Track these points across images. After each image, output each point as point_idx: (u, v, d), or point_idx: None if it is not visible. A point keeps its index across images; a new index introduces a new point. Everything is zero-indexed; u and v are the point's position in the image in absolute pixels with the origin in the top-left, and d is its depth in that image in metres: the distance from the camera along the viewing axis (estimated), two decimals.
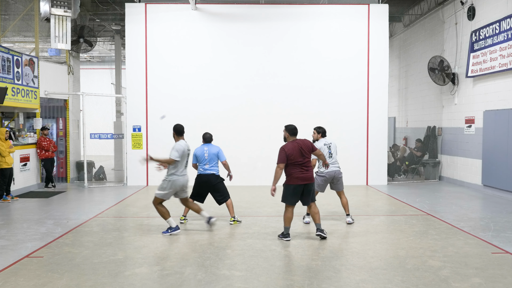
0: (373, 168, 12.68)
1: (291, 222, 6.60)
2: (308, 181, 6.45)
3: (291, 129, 6.60)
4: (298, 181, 6.40)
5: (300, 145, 6.46)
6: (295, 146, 6.44)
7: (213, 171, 7.48)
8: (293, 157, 6.38)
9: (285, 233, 6.60)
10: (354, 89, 12.65)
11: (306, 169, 6.46)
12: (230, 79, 12.62)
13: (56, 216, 8.25)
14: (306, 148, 6.48)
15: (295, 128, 6.65)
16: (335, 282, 4.86)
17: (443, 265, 5.40)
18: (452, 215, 8.36)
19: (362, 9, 12.62)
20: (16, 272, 5.15)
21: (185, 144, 6.89)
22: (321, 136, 7.75)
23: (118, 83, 17.45)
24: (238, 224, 7.59)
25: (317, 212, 6.61)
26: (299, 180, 6.40)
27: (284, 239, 6.56)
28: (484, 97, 11.31)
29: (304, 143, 6.50)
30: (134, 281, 4.88)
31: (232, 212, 7.63)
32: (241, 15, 12.66)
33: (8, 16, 11.95)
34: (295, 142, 6.51)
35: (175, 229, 6.89)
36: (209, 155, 7.49)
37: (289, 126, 6.61)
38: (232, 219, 7.61)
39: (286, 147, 6.45)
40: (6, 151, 9.66)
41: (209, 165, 7.47)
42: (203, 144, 7.67)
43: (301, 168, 6.42)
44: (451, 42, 13.06)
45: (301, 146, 6.45)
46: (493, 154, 10.86)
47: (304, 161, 6.45)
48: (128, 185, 12.47)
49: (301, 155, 6.42)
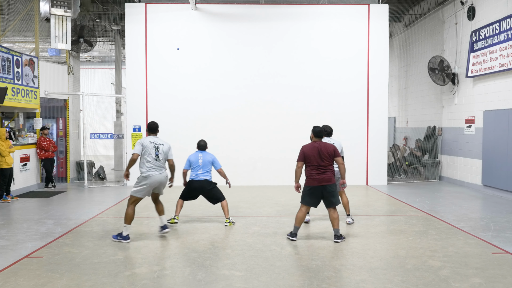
0: (373, 168, 12.68)
1: (301, 222, 6.55)
2: (326, 182, 6.37)
3: (316, 131, 6.60)
4: (313, 183, 6.38)
5: (320, 148, 6.42)
6: (314, 147, 6.44)
7: (206, 177, 7.52)
8: (309, 158, 6.39)
9: (293, 232, 6.59)
10: (354, 89, 12.64)
11: (323, 170, 6.39)
12: (230, 79, 12.62)
13: (56, 216, 8.25)
14: (326, 151, 6.41)
15: (321, 130, 6.64)
16: (335, 282, 4.86)
17: (443, 265, 5.40)
18: (452, 215, 8.36)
19: (362, 9, 12.62)
20: (16, 272, 5.15)
21: (150, 138, 6.65)
22: (325, 135, 7.57)
23: (118, 83, 17.45)
24: (233, 225, 7.52)
25: (336, 218, 6.46)
26: (315, 181, 6.37)
27: (290, 238, 6.55)
28: (484, 97, 11.31)
29: (325, 147, 6.44)
30: (134, 281, 4.88)
31: (227, 214, 7.58)
32: (241, 15, 12.66)
33: (8, 16, 11.95)
34: (316, 143, 6.50)
35: (125, 238, 6.46)
36: (203, 161, 7.51)
37: (315, 128, 6.64)
38: (227, 220, 7.55)
39: (305, 147, 6.50)
40: (6, 151, 9.66)
41: (202, 171, 7.49)
42: (198, 151, 7.68)
43: (318, 169, 6.38)
44: (451, 42, 13.06)
45: (320, 149, 6.41)
46: (493, 154, 10.86)
47: (322, 164, 6.38)
48: (128, 185, 12.46)
49: (319, 157, 6.38)
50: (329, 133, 7.55)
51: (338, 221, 6.47)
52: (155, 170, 6.52)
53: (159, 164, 6.57)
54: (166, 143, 6.78)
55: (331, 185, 6.42)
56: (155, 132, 6.80)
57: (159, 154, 6.57)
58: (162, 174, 6.61)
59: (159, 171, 6.57)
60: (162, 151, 6.61)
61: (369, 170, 12.67)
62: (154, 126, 6.82)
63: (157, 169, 6.54)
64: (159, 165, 6.57)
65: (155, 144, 6.59)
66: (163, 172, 6.64)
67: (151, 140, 6.62)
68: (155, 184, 6.54)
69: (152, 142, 6.59)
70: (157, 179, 6.52)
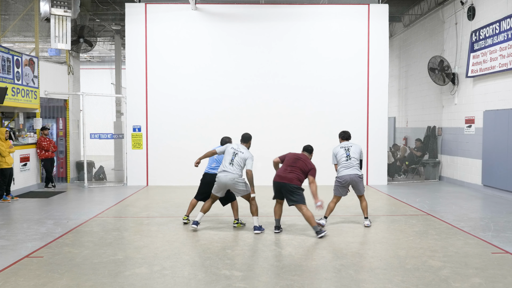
0: (373, 168, 12.68)
1: (278, 215, 7.07)
2: (286, 180, 6.79)
3: (304, 147, 7.24)
4: (276, 178, 6.95)
5: (300, 158, 6.97)
6: (297, 156, 7.01)
7: None
8: (286, 160, 7.02)
9: (275, 225, 7.09)
10: (354, 89, 12.64)
11: (289, 171, 6.85)
12: (230, 79, 12.62)
13: (56, 216, 8.25)
14: (304, 164, 6.89)
15: (306, 147, 7.22)
16: (335, 282, 4.86)
17: (443, 265, 5.40)
18: (452, 215, 8.36)
19: (362, 9, 12.62)
20: (16, 272, 5.15)
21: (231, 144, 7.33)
22: (342, 139, 7.73)
23: (118, 83, 17.45)
24: (242, 226, 7.46)
25: (310, 216, 6.70)
26: (277, 177, 6.93)
27: (275, 231, 7.01)
28: (484, 97, 11.31)
29: (305, 160, 6.94)
30: (134, 281, 4.88)
31: (236, 214, 7.49)
32: (241, 15, 12.66)
33: (8, 16, 11.95)
34: (301, 154, 7.07)
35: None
36: (218, 156, 7.46)
37: (305, 146, 7.24)
38: (235, 221, 7.47)
39: (291, 153, 7.15)
40: (6, 151, 9.66)
41: (216, 164, 7.45)
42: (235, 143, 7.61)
43: (285, 169, 6.90)
44: (451, 42, 13.06)
45: (299, 158, 6.96)
46: (493, 154, 10.86)
47: (291, 167, 6.87)
48: (128, 185, 12.47)
49: (293, 162, 6.92)
50: (349, 137, 7.80)
51: (313, 219, 6.72)
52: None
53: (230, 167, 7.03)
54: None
55: (291, 184, 6.76)
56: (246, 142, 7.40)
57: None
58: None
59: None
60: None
61: (369, 170, 12.67)
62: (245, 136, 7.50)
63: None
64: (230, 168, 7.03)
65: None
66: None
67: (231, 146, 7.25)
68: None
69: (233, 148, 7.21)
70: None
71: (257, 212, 7.13)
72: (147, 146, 12.61)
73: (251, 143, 7.46)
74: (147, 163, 12.62)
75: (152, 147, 12.59)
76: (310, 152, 7.16)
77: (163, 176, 12.52)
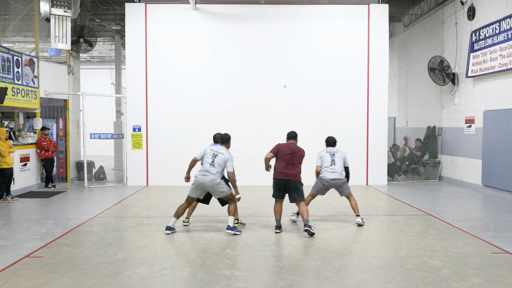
0: (373, 168, 12.68)
1: (279, 215, 7.07)
2: (291, 177, 6.86)
3: (288, 134, 7.26)
4: (279, 175, 6.95)
5: (293, 148, 7.03)
6: (289, 146, 7.08)
7: None
8: (281, 153, 7.00)
9: (276, 225, 7.08)
10: (354, 89, 12.64)
11: (291, 166, 6.92)
12: (230, 79, 12.62)
13: (56, 216, 8.25)
14: (298, 152, 7.02)
15: (293, 132, 7.28)
16: (335, 282, 4.86)
17: (443, 265, 5.40)
18: (452, 215, 8.36)
19: (362, 9, 12.62)
20: (16, 272, 5.15)
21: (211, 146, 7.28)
22: (327, 145, 7.81)
23: (118, 83, 17.45)
24: (241, 226, 7.43)
25: (305, 210, 6.85)
26: (280, 174, 6.93)
27: (275, 231, 7.01)
28: (484, 97, 11.31)
29: (298, 149, 7.06)
30: (134, 281, 4.88)
31: (236, 215, 7.41)
32: (241, 15, 12.66)
33: (8, 16, 11.95)
34: (291, 144, 7.15)
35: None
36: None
37: (289, 132, 7.27)
38: (235, 221, 7.42)
39: (281, 144, 7.14)
40: (6, 151, 9.66)
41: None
42: (213, 144, 7.62)
43: (286, 164, 6.93)
44: (451, 42, 13.07)
45: (293, 149, 7.02)
46: (493, 154, 10.86)
47: (291, 161, 6.94)
48: (128, 185, 12.47)
49: (290, 154, 6.96)
50: (334, 143, 7.84)
51: (307, 213, 6.83)
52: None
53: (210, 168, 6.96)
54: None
55: (296, 180, 6.87)
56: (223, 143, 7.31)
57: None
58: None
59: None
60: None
61: (369, 170, 12.67)
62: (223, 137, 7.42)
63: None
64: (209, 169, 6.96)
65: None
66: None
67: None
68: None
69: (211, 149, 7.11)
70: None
71: (235, 213, 7.02)
72: (147, 146, 12.61)
73: (230, 143, 7.40)
74: (147, 163, 12.62)
75: (152, 147, 12.60)
76: (296, 138, 7.26)
77: (163, 176, 12.52)
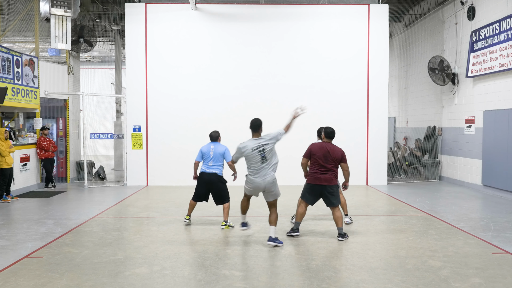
0: (373, 168, 12.67)
1: (302, 217, 6.81)
2: (326, 182, 6.52)
3: (327, 132, 6.72)
4: (315, 181, 6.58)
5: (328, 149, 6.57)
6: (322, 147, 6.62)
7: (216, 170, 7.35)
8: (315, 157, 6.60)
9: (294, 228, 6.81)
10: (354, 89, 12.64)
11: (325, 170, 6.54)
12: (230, 79, 12.62)
13: (56, 216, 8.25)
14: (333, 154, 6.55)
15: (333, 131, 6.73)
16: (335, 282, 4.86)
17: (443, 265, 5.40)
18: (452, 215, 8.36)
19: (362, 9, 12.62)
20: (16, 272, 5.15)
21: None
22: (318, 137, 7.54)
23: (118, 83, 17.45)
24: (230, 229, 7.31)
25: (339, 217, 6.60)
26: (316, 180, 6.57)
27: (293, 234, 6.73)
28: (484, 97, 11.31)
29: (333, 150, 6.58)
30: (134, 281, 4.88)
31: (226, 216, 7.36)
32: (241, 15, 12.66)
33: (8, 16, 11.94)
34: (325, 144, 6.68)
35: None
36: (214, 153, 7.39)
37: (327, 129, 6.75)
38: (223, 223, 7.34)
39: (314, 145, 6.72)
40: (6, 151, 9.66)
41: (213, 163, 7.36)
42: (210, 142, 7.63)
43: (320, 169, 6.56)
44: (451, 42, 13.06)
45: (328, 150, 6.56)
46: (493, 154, 10.85)
47: (325, 165, 6.53)
48: (128, 185, 12.47)
49: (324, 157, 6.54)
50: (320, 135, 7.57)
51: (341, 220, 6.62)
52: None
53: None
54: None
55: (332, 185, 6.55)
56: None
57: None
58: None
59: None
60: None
61: (369, 170, 12.66)
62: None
63: None
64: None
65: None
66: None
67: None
68: None
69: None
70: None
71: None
72: (147, 146, 12.61)
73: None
74: (147, 163, 12.62)
75: (152, 147, 12.60)
76: (332, 138, 6.74)
77: (163, 176, 12.52)
